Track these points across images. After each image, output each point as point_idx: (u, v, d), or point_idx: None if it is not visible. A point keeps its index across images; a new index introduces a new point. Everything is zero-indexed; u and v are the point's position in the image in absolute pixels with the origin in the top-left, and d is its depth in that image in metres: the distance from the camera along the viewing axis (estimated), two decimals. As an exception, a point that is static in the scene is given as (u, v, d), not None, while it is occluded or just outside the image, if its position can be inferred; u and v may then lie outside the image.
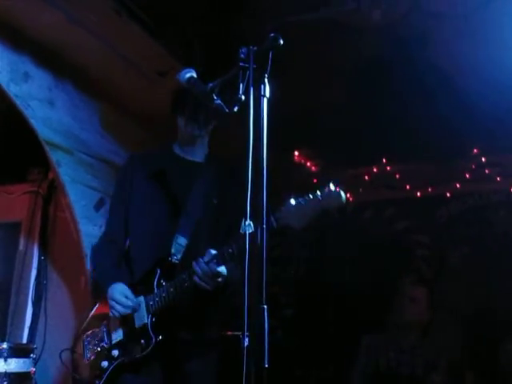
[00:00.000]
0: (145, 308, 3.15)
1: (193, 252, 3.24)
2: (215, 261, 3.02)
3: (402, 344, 6.24)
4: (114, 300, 3.16)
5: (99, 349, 3.23)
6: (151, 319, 3.12)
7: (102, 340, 3.24)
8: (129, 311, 3.14)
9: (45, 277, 6.13)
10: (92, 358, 3.25)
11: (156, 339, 3.07)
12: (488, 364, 6.40)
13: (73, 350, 3.41)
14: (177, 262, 3.24)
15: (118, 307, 3.15)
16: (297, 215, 2.84)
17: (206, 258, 3.03)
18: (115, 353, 3.16)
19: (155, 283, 3.18)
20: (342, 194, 2.82)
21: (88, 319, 3.42)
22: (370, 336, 6.60)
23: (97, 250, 3.57)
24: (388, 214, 7.48)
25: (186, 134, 3.46)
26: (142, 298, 3.19)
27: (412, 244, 7.10)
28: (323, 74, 5.58)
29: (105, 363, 3.17)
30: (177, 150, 3.55)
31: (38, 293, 6.08)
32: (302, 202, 2.87)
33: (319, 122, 6.36)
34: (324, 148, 7.21)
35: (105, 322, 3.28)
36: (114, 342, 3.20)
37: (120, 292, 3.17)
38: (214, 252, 3.04)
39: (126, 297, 3.16)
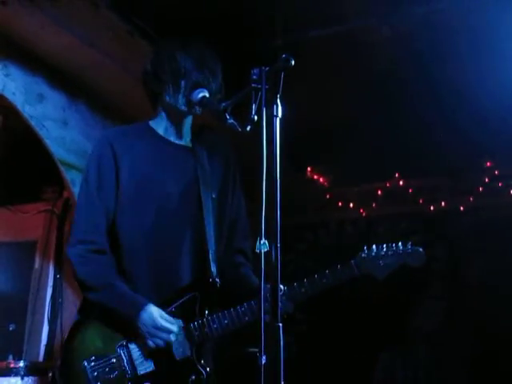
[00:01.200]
0: (185, 338, 2.68)
1: (216, 268, 2.83)
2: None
3: (419, 358, 6.21)
4: (157, 327, 2.63)
5: (114, 379, 2.66)
6: (196, 352, 2.69)
7: (119, 368, 2.67)
8: (173, 338, 2.65)
9: (60, 295, 6.15)
10: None
11: (207, 373, 2.68)
12: (505, 377, 6.36)
13: (63, 374, 2.76)
14: (218, 284, 2.78)
15: (164, 335, 2.64)
16: (377, 266, 2.78)
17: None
18: None
19: (197, 310, 2.71)
20: (423, 251, 2.85)
21: (75, 326, 2.82)
22: (387, 349, 6.57)
23: (87, 266, 2.74)
24: (401, 229, 7.48)
25: (177, 111, 2.87)
26: (180, 324, 2.70)
27: (426, 259, 7.08)
28: (336, 89, 5.61)
29: None
30: (165, 134, 2.95)
31: (53, 311, 6.10)
32: (382, 253, 2.79)
33: (332, 138, 6.38)
34: (337, 163, 7.23)
35: (122, 345, 2.71)
36: (141, 372, 2.66)
37: (161, 316, 2.64)
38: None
39: (166, 320, 2.66)
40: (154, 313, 2.63)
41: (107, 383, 2.66)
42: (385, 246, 2.81)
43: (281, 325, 1.94)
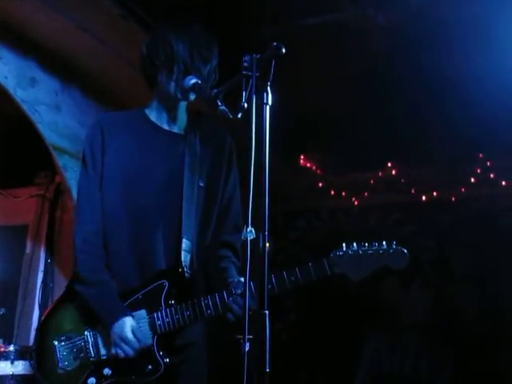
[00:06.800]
0: (148, 327, 2.70)
1: (194, 258, 2.83)
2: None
3: (407, 347, 6.24)
4: (124, 340, 2.66)
5: (80, 360, 2.75)
6: (157, 341, 2.71)
7: (85, 350, 2.76)
8: (133, 354, 2.68)
9: (51, 279, 6.16)
10: (69, 368, 2.76)
11: (164, 364, 2.69)
12: (491, 366, 6.41)
13: (36, 351, 2.88)
14: (189, 276, 2.77)
15: (127, 349, 2.67)
16: (354, 266, 2.60)
17: (239, 290, 2.63)
18: (107, 371, 2.71)
19: (163, 299, 2.72)
20: (407, 253, 2.61)
21: (55, 305, 2.92)
22: (375, 338, 6.61)
23: (86, 256, 2.79)
24: (393, 218, 7.50)
25: (170, 97, 2.84)
26: (143, 313, 2.73)
27: (418, 248, 7.11)
28: (330, 78, 5.60)
29: (92, 380, 2.72)
30: (158, 121, 2.93)
31: (44, 295, 6.10)
32: (361, 252, 2.61)
33: (325, 126, 6.38)
34: (330, 152, 7.23)
35: (89, 329, 2.78)
36: (103, 357, 2.73)
37: (131, 330, 2.67)
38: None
39: (135, 335, 2.67)
40: (126, 325, 2.67)
41: (73, 363, 2.76)
42: (366, 244, 2.63)
43: (267, 312, 1.94)
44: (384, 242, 2.62)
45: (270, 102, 2.10)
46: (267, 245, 2.02)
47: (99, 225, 2.81)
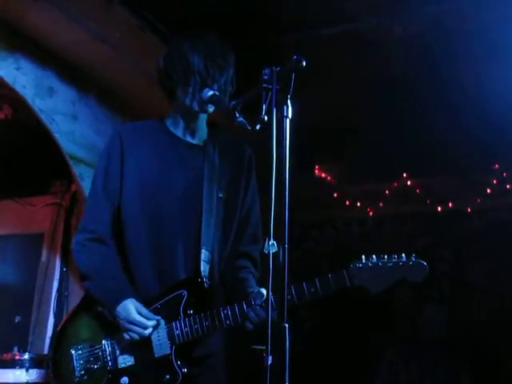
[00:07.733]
0: (166, 336, 2.68)
1: (213, 268, 2.83)
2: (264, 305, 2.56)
3: (423, 359, 6.21)
4: (131, 322, 2.63)
5: (97, 369, 2.74)
6: (175, 351, 2.69)
7: (102, 359, 2.74)
8: (149, 333, 2.66)
9: (66, 288, 6.18)
10: (86, 377, 2.75)
11: (182, 374, 2.66)
12: (507, 379, 6.36)
13: (53, 359, 2.85)
14: (208, 286, 2.76)
15: (138, 330, 2.64)
16: (374, 278, 2.57)
17: (259, 301, 2.61)
18: (125, 380, 2.69)
19: (181, 309, 2.70)
20: (427, 266, 2.57)
21: (71, 314, 2.92)
22: (392, 351, 6.58)
23: (84, 255, 2.81)
24: (408, 229, 7.47)
25: (189, 109, 2.82)
26: (162, 323, 2.70)
27: (433, 259, 7.08)
28: (345, 89, 5.60)
29: None
30: (177, 132, 2.93)
31: (59, 304, 6.12)
32: (381, 264, 2.59)
33: (340, 137, 6.38)
34: (345, 162, 7.23)
35: (107, 337, 2.77)
36: (121, 366, 2.72)
37: (136, 310, 2.65)
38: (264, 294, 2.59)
39: (141, 315, 2.65)
40: (130, 307, 2.65)
41: (90, 372, 2.74)
42: (385, 256, 2.60)
43: (287, 325, 1.94)
44: (403, 254, 2.59)
45: (290, 115, 2.10)
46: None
47: (100, 235, 2.81)
